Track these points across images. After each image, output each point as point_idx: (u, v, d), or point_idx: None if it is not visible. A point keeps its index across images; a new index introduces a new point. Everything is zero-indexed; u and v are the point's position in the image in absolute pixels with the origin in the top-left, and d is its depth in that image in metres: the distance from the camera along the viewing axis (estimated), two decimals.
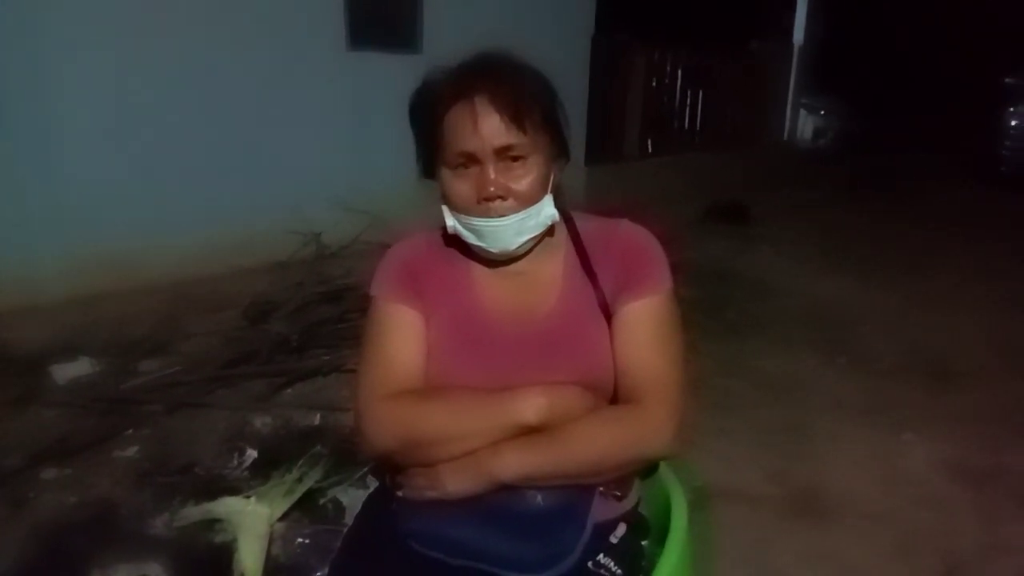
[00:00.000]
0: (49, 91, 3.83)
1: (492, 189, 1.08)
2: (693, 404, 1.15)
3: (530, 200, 1.10)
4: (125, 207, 4.13)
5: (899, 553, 2.21)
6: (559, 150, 1.15)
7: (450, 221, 1.15)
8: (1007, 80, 9.42)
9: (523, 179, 1.09)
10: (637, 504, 1.21)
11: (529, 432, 1.07)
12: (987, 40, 12.44)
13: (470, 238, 1.14)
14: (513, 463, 1.06)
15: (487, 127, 1.06)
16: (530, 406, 1.07)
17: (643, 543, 1.19)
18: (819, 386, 3.37)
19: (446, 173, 1.12)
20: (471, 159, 1.08)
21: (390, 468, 1.18)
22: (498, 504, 1.07)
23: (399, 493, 1.14)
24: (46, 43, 3.77)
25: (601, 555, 1.09)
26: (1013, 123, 9.22)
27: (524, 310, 1.19)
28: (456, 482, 1.07)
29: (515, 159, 1.09)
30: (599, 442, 1.09)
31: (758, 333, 4.00)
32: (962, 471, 2.66)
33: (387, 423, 1.12)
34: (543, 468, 1.07)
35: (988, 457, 2.75)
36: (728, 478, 2.53)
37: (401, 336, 1.18)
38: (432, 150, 1.12)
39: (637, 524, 1.18)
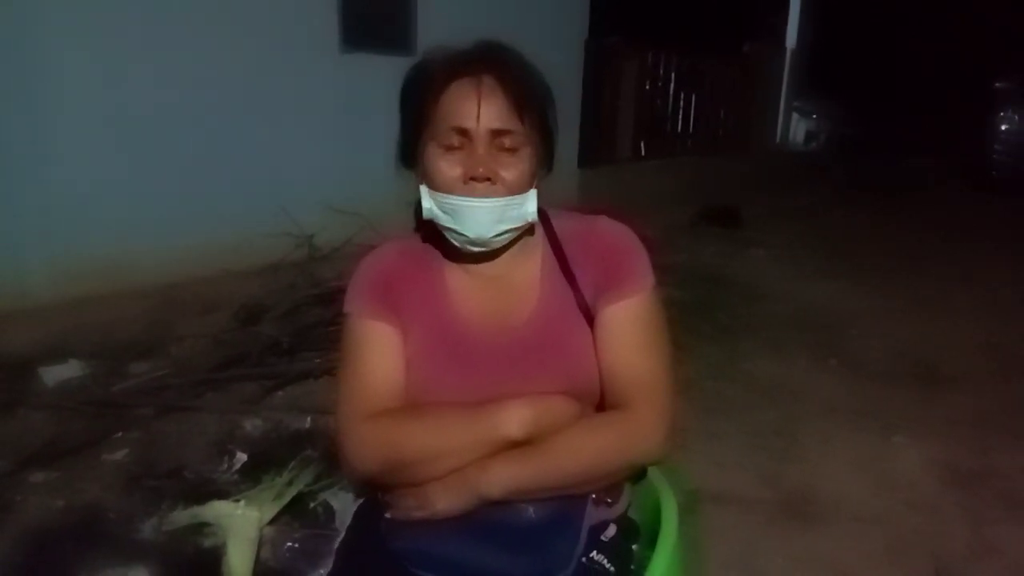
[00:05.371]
0: (39, 94, 3.80)
1: (481, 169, 1.04)
2: (683, 407, 1.14)
3: (516, 189, 1.07)
4: (115, 210, 4.11)
5: (890, 555, 2.21)
6: (546, 155, 1.13)
7: (427, 202, 1.09)
8: (997, 84, 9.46)
9: (512, 168, 1.06)
10: (627, 509, 1.20)
11: (515, 446, 1.05)
12: (978, 44, 12.51)
13: (447, 221, 1.08)
14: (501, 479, 1.03)
15: (491, 106, 1.04)
16: (514, 419, 1.04)
17: (633, 547, 1.18)
18: (810, 389, 3.38)
19: (433, 151, 1.07)
20: (464, 136, 1.05)
21: (377, 488, 1.15)
22: (490, 519, 1.05)
23: (387, 515, 1.11)
24: (36, 46, 3.75)
25: (594, 552, 1.08)
26: (1004, 127, 9.28)
27: (502, 317, 1.15)
28: (445, 501, 1.05)
29: (506, 149, 1.06)
30: (588, 452, 1.07)
31: (749, 336, 4.00)
32: (952, 473, 2.67)
33: (369, 445, 1.08)
34: (532, 482, 1.05)
35: (977, 459, 2.76)
36: (719, 481, 2.52)
37: (379, 354, 1.13)
38: (421, 127, 1.08)
39: (627, 528, 1.18)
